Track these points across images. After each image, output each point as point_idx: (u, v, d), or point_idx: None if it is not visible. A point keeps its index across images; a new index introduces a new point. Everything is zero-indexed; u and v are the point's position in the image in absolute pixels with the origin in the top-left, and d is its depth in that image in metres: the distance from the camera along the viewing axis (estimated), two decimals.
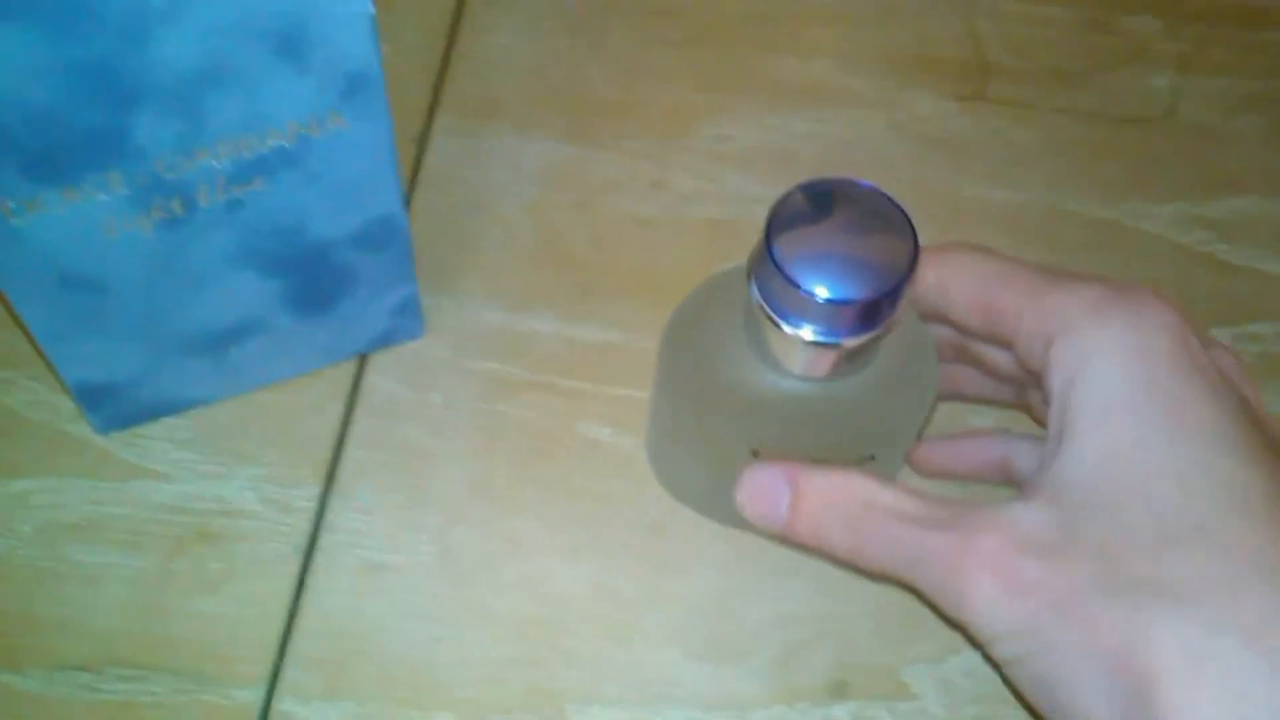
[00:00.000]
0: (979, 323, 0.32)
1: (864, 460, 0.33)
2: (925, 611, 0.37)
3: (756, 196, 0.45)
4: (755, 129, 0.47)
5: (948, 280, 0.32)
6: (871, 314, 0.29)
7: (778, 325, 0.29)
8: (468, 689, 0.36)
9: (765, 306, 0.30)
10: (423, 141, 0.46)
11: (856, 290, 0.28)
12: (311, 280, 0.36)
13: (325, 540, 0.38)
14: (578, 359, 0.42)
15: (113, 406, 0.38)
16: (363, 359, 0.41)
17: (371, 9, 0.29)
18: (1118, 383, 0.28)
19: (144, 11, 0.27)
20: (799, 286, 0.28)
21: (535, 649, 0.37)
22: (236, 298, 0.36)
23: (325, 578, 0.37)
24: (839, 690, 0.36)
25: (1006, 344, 0.32)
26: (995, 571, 0.27)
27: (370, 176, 0.34)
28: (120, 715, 0.35)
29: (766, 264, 0.29)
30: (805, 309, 0.29)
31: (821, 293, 0.28)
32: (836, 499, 0.30)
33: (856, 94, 0.48)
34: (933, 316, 0.34)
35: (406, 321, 0.40)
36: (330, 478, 0.39)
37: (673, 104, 0.47)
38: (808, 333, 0.29)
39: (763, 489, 0.31)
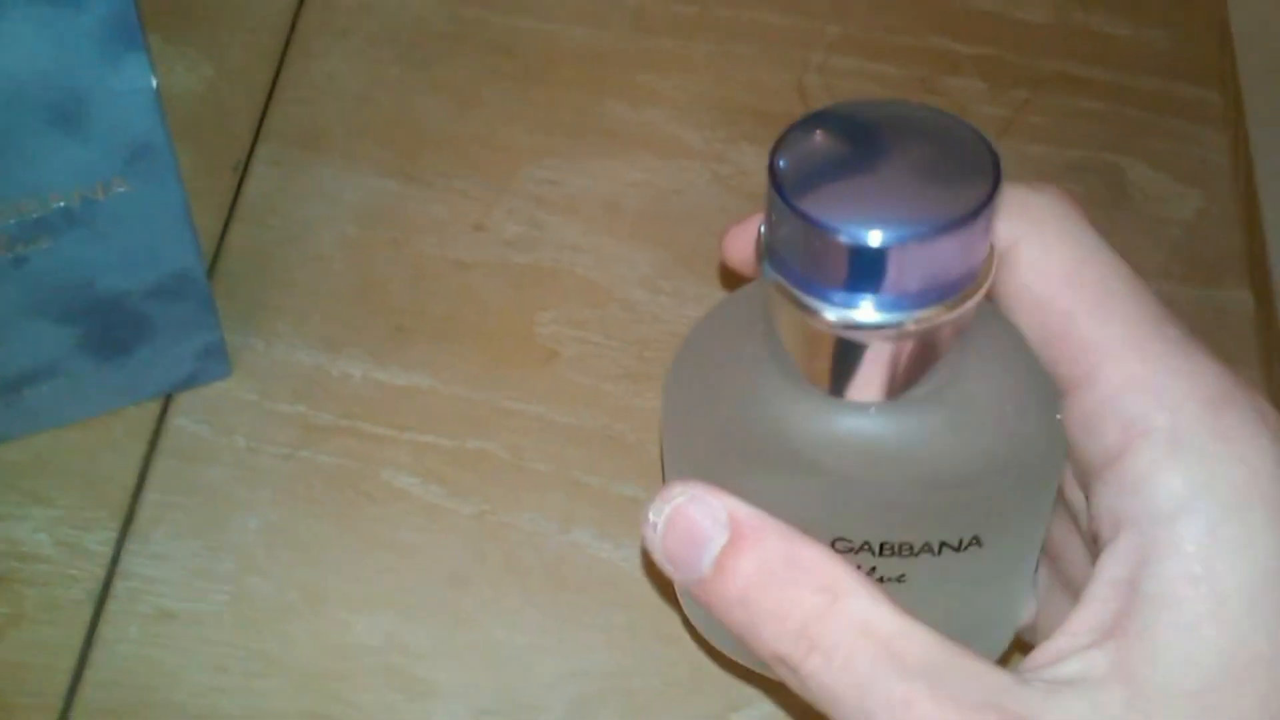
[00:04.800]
0: (1035, 337, 0.23)
1: (964, 547, 0.23)
2: (712, 667, 0.39)
3: (577, 245, 0.45)
4: (582, 175, 0.47)
5: (1020, 248, 0.23)
6: (945, 266, 0.20)
7: (811, 310, 0.21)
8: None
9: (789, 286, 0.21)
10: (243, 171, 0.45)
11: (919, 223, 0.19)
12: (108, 328, 0.36)
13: (118, 587, 0.38)
14: (388, 404, 0.42)
15: None
16: (167, 399, 0.41)
17: (153, 83, 0.29)
18: (1251, 556, 0.20)
19: None
20: (832, 230, 0.19)
21: (324, 702, 0.37)
22: (29, 344, 0.35)
23: (116, 626, 0.37)
24: None
25: (1057, 379, 0.23)
26: None
27: (162, 235, 0.34)
28: None
29: (782, 213, 0.20)
30: (845, 268, 0.20)
31: (869, 237, 0.19)
32: (798, 588, 0.21)
33: (685, 144, 0.48)
34: None
35: (212, 364, 0.40)
36: (128, 521, 0.39)
37: (503, 144, 0.47)
38: (861, 311, 0.20)
39: (686, 521, 0.22)
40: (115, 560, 0.38)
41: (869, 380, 0.21)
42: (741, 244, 0.28)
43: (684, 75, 0.50)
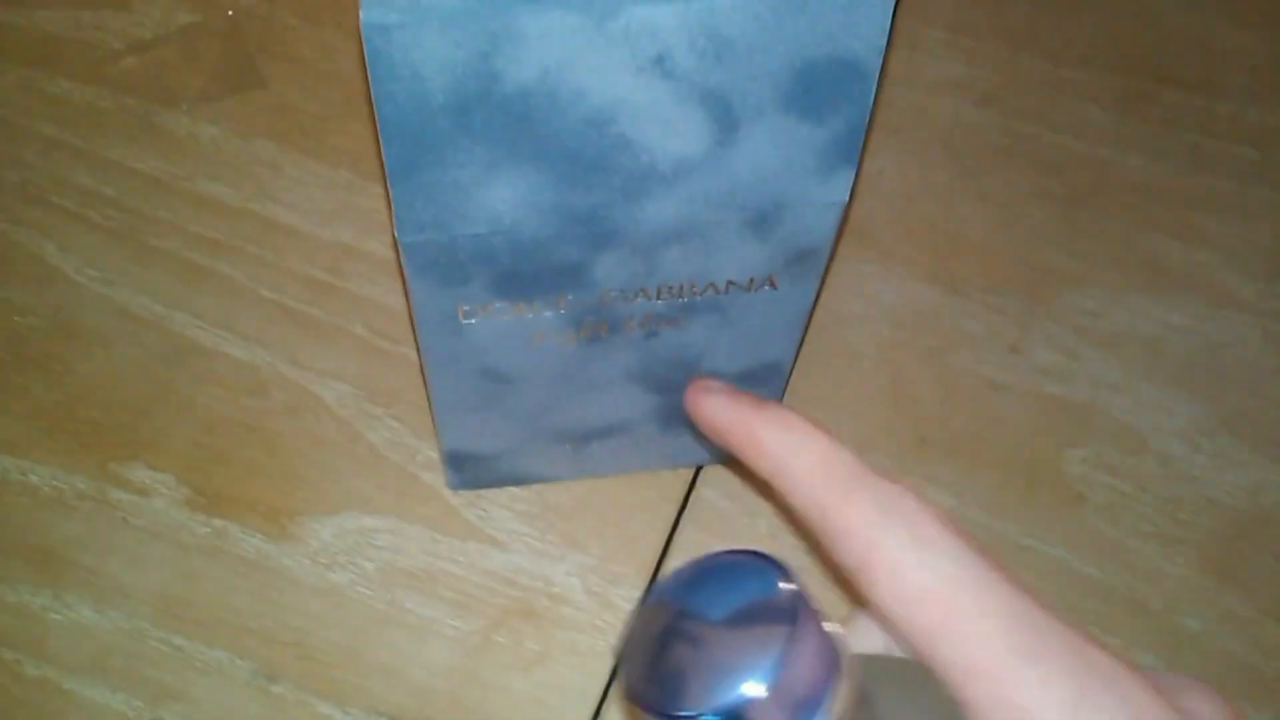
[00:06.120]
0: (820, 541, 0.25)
1: None
2: None
3: (1117, 385, 0.44)
4: (1126, 310, 0.45)
5: (787, 461, 0.26)
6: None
7: None
8: None
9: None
10: None
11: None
12: None
13: None
14: None
15: (471, 471, 0.39)
16: (697, 470, 0.42)
17: (847, 197, 0.29)
18: None
19: (651, 175, 0.28)
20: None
21: None
22: (617, 405, 0.37)
23: None
24: None
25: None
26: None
27: (778, 330, 0.34)
28: None
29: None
30: None
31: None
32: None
33: (1235, 295, 0.46)
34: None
35: None
36: (653, 582, 0.40)
37: (1042, 264, 0.46)
38: None
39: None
40: None
41: None
42: None
43: (1238, 219, 0.47)
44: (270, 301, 0.44)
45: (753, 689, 0.20)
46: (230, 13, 0.51)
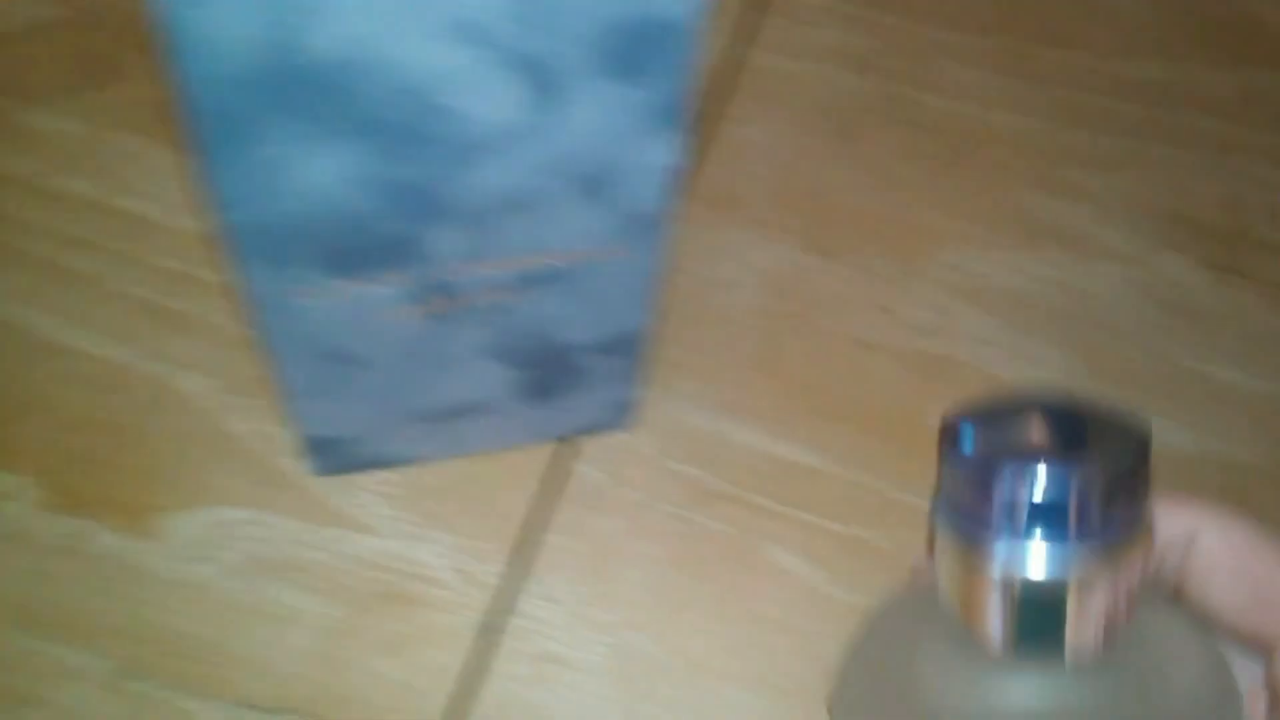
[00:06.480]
0: (1230, 609, 0.25)
1: None
2: None
3: (987, 339, 0.44)
4: (996, 266, 0.45)
5: (1201, 535, 0.25)
6: (1107, 508, 0.21)
7: (979, 551, 0.22)
8: None
9: (964, 525, 0.22)
10: None
11: (1081, 463, 0.21)
12: (547, 375, 0.37)
13: (509, 623, 0.38)
14: (778, 478, 0.41)
15: (333, 456, 0.38)
16: (571, 444, 0.41)
17: (677, 159, 0.29)
18: None
19: (473, 144, 0.27)
20: (998, 466, 0.21)
21: None
22: (476, 381, 0.36)
23: (500, 661, 0.38)
24: None
25: (1256, 645, 0.25)
26: None
27: (628, 297, 0.34)
28: None
29: (954, 461, 0.22)
30: (1017, 508, 0.21)
31: (1034, 473, 0.21)
32: None
33: (1107, 246, 0.46)
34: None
35: (617, 414, 0.40)
36: (520, 558, 0.39)
37: (914, 223, 0.46)
38: (1031, 553, 0.21)
39: None
40: (507, 596, 0.39)
41: (1041, 636, 0.21)
42: None
43: (1108, 172, 0.48)
44: (130, 296, 0.43)
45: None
46: (88, 4, 0.50)
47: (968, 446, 0.22)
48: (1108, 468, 0.21)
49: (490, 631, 0.38)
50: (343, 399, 0.35)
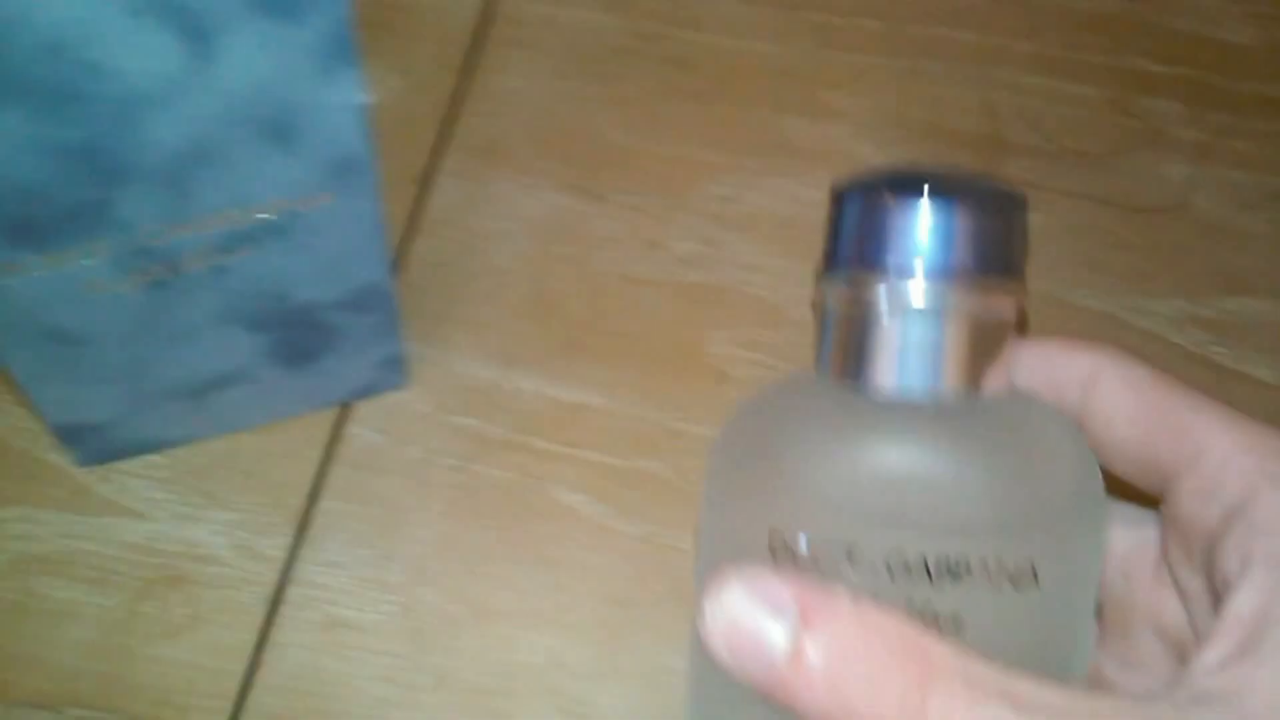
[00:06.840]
0: (1133, 441, 0.25)
1: (1019, 577, 0.22)
2: None
3: (754, 265, 0.44)
4: (760, 193, 0.46)
5: (1103, 375, 0.25)
6: (985, 244, 0.23)
7: (863, 284, 0.23)
8: None
9: (847, 272, 0.23)
10: (425, 182, 0.45)
11: (962, 194, 0.23)
12: (297, 337, 0.36)
13: (291, 593, 0.38)
14: (559, 420, 0.41)
15: (93, 443, 0.38)
16: (344, 408, 0.41)
17: (362, 99, 0.29)
18: None
19: (134, 99, 0.27)
20: (882, 196, 0.23)
21: (485, 719, 0.37)
22: (221, 351, 0.36)
23: (288, 632, 0.38)
24: None
25: (1158, 478, 0.25)
26: None
27: (357, 248, 0.34)
28: None
29: (849, 200, 0.24)
30: (906, 238, 0.22)
31: (916, 199, 0.22)
32: (873, 642, 0.21)
33: (864, 162, 0.47)
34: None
35: (391, 374, 0.40)
36: (302, 528, 0.39)
37: (680, 159, 0.47)
38: (913, 281, 0.22)
39: (748, 612, 0.21)
40: (289, 566, 0.39)
41: (917, 372, 0.23)
42: None
43: (865, 92, 0.49)
44: None
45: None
46: None
47: (856, 197, 0.23)
48: (988, 207, 0.23)
49: (276, 604, 0.38)
50: (78, 381, 0.34)
